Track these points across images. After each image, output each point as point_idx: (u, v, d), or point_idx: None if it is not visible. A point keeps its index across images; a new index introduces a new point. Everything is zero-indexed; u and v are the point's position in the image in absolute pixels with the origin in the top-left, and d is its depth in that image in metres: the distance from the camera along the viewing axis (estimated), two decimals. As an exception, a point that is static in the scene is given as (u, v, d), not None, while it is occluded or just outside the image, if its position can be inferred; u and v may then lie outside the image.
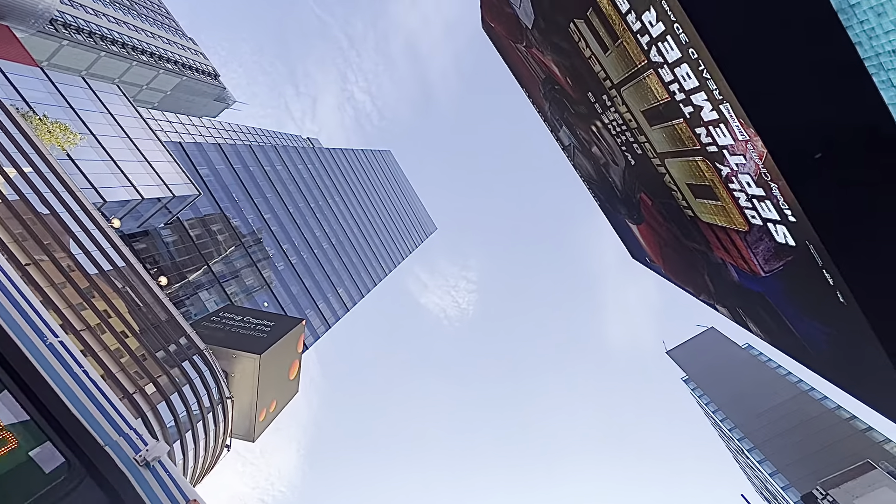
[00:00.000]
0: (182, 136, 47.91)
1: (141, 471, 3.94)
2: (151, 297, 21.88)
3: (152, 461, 4.06)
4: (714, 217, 10.96)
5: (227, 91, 79.25)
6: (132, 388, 18.32)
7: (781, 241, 8.55)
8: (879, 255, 7.35)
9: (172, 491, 3.98)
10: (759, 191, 8.18)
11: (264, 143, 60.22)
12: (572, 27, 11.40)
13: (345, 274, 53.38)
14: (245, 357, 25.36)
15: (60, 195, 19.86)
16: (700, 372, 72.74)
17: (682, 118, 9.25)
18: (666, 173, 12.04)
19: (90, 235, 20.21)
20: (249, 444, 27.53)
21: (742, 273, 11.54)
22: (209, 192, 39.35)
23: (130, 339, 19.49)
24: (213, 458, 24.33)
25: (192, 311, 32.53)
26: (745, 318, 13.50)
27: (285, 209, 48.77)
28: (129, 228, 29.64)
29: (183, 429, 20.23)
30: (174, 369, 20.77)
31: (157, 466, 4.04)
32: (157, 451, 4.12)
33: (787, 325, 10.90)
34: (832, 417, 53.59)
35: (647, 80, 9.67)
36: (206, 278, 35.28)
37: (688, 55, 7.64)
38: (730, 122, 7.68)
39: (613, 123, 13.43)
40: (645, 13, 8.09)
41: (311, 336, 41.93)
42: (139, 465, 3.97)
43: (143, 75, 62.51)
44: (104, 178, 25.89)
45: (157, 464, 4.05)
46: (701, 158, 9.64)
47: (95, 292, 19.11)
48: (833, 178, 7.17)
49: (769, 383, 62.97)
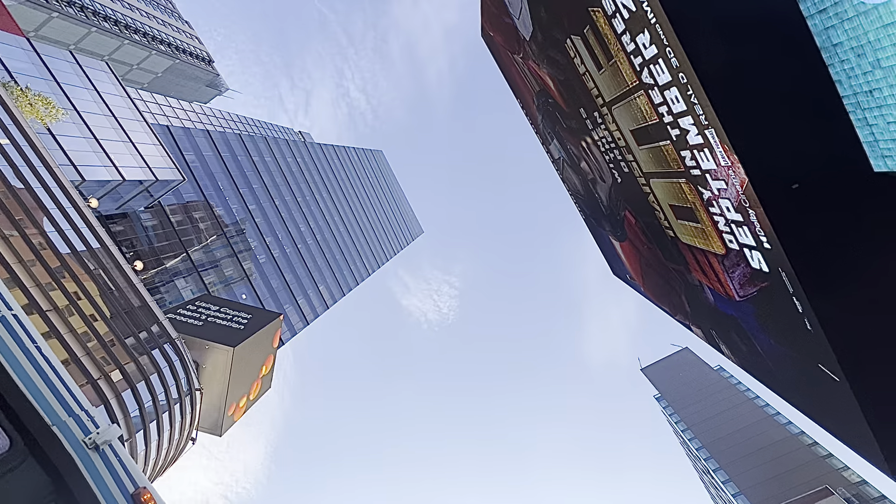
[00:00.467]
0: (170, 119, 46.96)
1: (89, 453, 3.76)
2: (125, 281, 21.29)
3: (102, 444, 3.89)
4: (694, 239, 11.19)
5: (220, 78, 78.12)
6: (97, 374, 17.75)
7: (756, 267, 8.77)
8: (847, 287, 7.59)
9: (121, 476, 3.81)
10: (738, 216, 8.39)
11: (254, 134, 59.45)
12: (569, 43, 11.58)
13: (327, 271, 52.84)
14: (218, 349, 24.83)
15: (37, 170, 19.24)
16: (672, 390, 73.96)
17: (669, 140, 9.45)
18: (650, 193, 12.26)
19: (65, 213, 19.60)
20: (216, 438, 26.91)
21: (718, 296, 11.79)
22: (194, 179, 38.59)
23: (99, 323, 18.91)
24: (177, 451, 23.69)
25: (166, 299, 31.76)
26: (717, 340, 13.78)
27: (271, 201, 48.13)
28: (106, 209, 28.85)
29: (148, 419, 19.66)
30: (143, 357, 20.20)
31: (108, 450, 3.87)
32: (108, 434, 3.95)
33: (757, 350, 11.17)
34: (795, 442, 55.00)
35: (638, 100, 9.87)
36: (184, 266, 34.52)
37: (678, 79, 7.82)
38: (714, 147, 7.88)
39: (603, 140, 13.65)
40: (639, 35, 8.26)
41: (289, 332, 41.31)
42: (88, 447, 3.79)
43: (135, 55, 61.20)
44: (85, 155, 25.18)
45: (107, 448, 3.88)
46: (684, 181, 9.86)
47: (66, 272, 18.51)
48: (808, 209, 7.40)
49: (737, 406, 64.40)
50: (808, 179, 7.25)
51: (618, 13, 8.58)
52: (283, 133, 72.32)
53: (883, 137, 6.75)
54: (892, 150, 6.69)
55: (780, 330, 9.34)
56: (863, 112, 6.86)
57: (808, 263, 7.47)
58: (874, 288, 7.67)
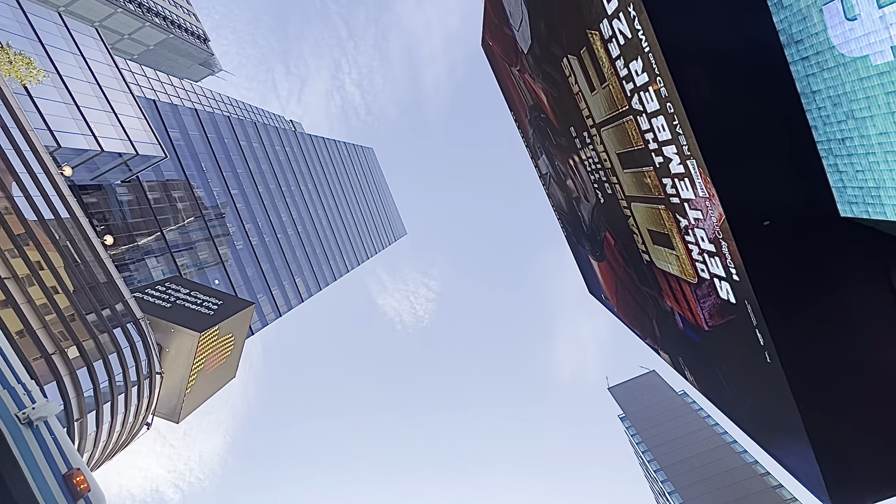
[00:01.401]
0: (158, 94, 45.76)
1: (21, 428, 3.54)
2: (92, 255, 20.56)
3: (37, 421, 3.69)
4: (668, 265, 11.45)
5: (214, 58, 76.65)
6: (52, 349, 17.04)
7: (725, 298, 9.02)
8: (808, 324, 7.87)
9: (54, 455, 3.62)
10: (711, 247, 8.63)
11: (244, 118, 58.46)
12: (565, 62, 11.77)
13: (305, 264, 52.09)
14: (184, 333, 24.16)
15: (10, 130, 18.46)
16: (636, 411, 75.27)
17: (652, 166, 9.68)
18: (631, 216, 12.51)
19: (35, 179, 18.84)
20: (173, 424, 26.11)
21: (687, 323, 12.07)
22: (176, 157, 37.64)
23: (60, 296, 18.18)
24: (130, 435, 22.87)
25: (135, 277, 30.78)
26: (683, 366, 14.09)
27: (254, 188, 47.29)
28: (80, 179, 27.87)
29: (102, 399, 18.94)
30: (103, 335, 19.49)
31: (42, 427, 3.67)
32: (44, 410, 3.77)
33: (719, 378, 11.46)
34: (749, 471, 56.57)
35: (626, 125, 10.08)
36: (158, 245, 33.55)
37: (665, 108, 8.03)
38: (694, 177, 8.10)
39: (590, 160, 13.88)
40: (633, 62, 8.45)
41: (260, 322, 40.49)
42: (20, 422, 3.58)
43: (127, 24, 59.57)
44: (63, 122, 24.30)
45: (41, 424, 3.68)
46: (664, 207, 10.09)
47: (30, 240, 17.76)
48: (777, 246, 7.67)
49: (697, 431, 65.95)
50: (779, 218, 7.52)
51: (614, 38, 8.77)
52: (273, 120, 71.30)
53: (851, 184, 7.05)
54: (858, 197, 6.99)
55: (741, 361, 9.61)
56: (834, 158, 7.16)
57: (772, 298, 7.72)
58: (834, 327, 7.98)
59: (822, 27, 6.49)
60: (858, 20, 5.95)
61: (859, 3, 5.85)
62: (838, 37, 6.29)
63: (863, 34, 5.96)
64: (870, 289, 7.86)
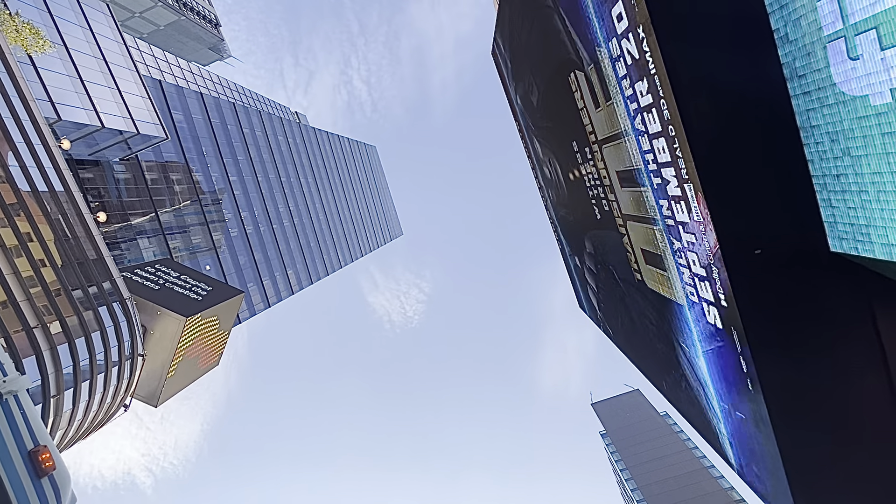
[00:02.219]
0: (164, 74, 45.52)
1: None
2: (84, 230, 20.35)
3: (6, 394, 3.61)
4: (658, 286, 11.52)
5: (224, 43, 76.47)
6: (34, 322, 16.81)
7: (711, 322, 9.09)
8: (791, 354, 7.94)
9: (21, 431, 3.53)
10: (702, 271, 8.70)
11: (249, 106, 58.27)
12: (572, 77, 11.86)
13: (298, 256, 51.86)
14: (170, 316, 23.94)
15: (10, 99, 18.29)
16: (618, 429, 75.39)
17: (650, 187, 9.75)
18: (626, 234, 12.59)
19: (32, 149, 18.65)
20: (151, 408, 25.80)
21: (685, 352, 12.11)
22: (177, 139, 37.42)
23: (48, 269, 17.97)
24: (106, 415, 22.57)
25: (126, 257, 30.48)
26: (666, 387, 14.15)
27: (254, 176, 47.09)
28: (78, 153, 27.62)
29: (81, 377, 18.70)
30: (88, 312, 19.27)
31: (11, 402, 3.59)
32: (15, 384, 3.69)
33: (701, 402, 11.51)
34: (724, 497, 56.79)
35: (627, 143, 10.17)
36: (151, 226, 33.27)
37: (667, 131, 8.11)
38: (690, 201, 8.17)
39: (590, 176, 13.96)
40: (638, 83, 8.54)
41: (248, 311, 40.20)
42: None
43: (139, 2, 59.36)
44: (65, 94, 24.10)
45: (11, 398, 3.60)
46: (658, 228, 10.16)
47: (21, 211, 17.56)
48: (766, 275, 7.74)
49: (676, 453, 66.16)
50: (770, 247, 7.60)
51: (622, 58, 8.86)
52: (278, 110, 71.15)
53: (842, 220, 7.15)
54: (848, 233, 7.09)
55: (723, 386, 9.66)
56: (828, 193, 7.26)
57: (758, 326, 7.79)
58: (816, 358, 8.06)
59: (825, 64, 6.59)
60: (861, 60, 6.06)
61: (862, 43, 5.95)
62: (840, 74, 6.40)
63: (864, 74, 6.07)
64: (854, 325, 7.95)
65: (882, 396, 7.92)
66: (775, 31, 7.22)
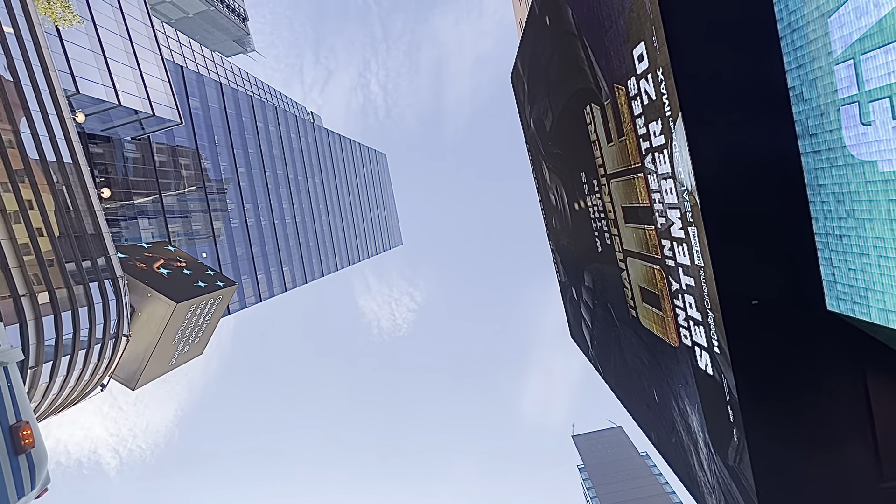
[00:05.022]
0: (186, 60, 46.08)
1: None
2: (86, 204, 20.31)
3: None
4: (652, 325, 11.48)
5: (249, 37, 77.66)
6: (23, 290, 16.65)
7: (701, 367, 9.04)
8: (778, 410, 7.88)
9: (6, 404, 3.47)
10: (698, 315, 8.69)
11: (266, 101, 58.85)
12: (587, 109, 12.02)
13: (296, 254, 51.75)
14: (160, 300, 23.74)
15: (32, 66, 18.45)
16: (596, 465, 74.28)
17: (654, 226, 9.80)
18: (625, 269, 12.60)
19: (46, 118, 18.74)
20: (127, 389, 25.38)
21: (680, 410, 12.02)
22: (191, 125, 37.67)
23: (44, 239, 17.87)
24: (82, 393, 22.19)
25: (123, 235, 30.37)
26: (655, 438, 13.98)
27: (262, 170, 47.29)
28: (91, 128, 27.74)
29: (62, 351, 18.44)
30: (78, 286, 19.11)
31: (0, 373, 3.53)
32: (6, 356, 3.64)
33: (684, 444, 11.37)
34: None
35: (636, 181, 10.25)
36: (153, 207, 33.24)
37: (676, 174, 8.18)
38: (692, 244, 8.20)
39: (595, 208, 14.05)
40: (652, 123, 8.66)
41: (238, 303, 39.90)
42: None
43: (172, -11, 60.40)
44: (86, 69, 24.33)
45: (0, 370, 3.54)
46: (658, 268, 10.18)
47: (26, 178, 17.55)
48: (761, 327, 7.73)
49: (652, 497, 65.04)
50: (768, 300, 7.61)
51: (639, 96, 9.00)
52: (294, 108, 71.86)
53: (842, 281, 7.17)
54: (847, 294, 7.11)
55: (709, 432, 9.55)
56: (830, 252, 7.30)
57: (748, 376, 7.74)
58: (803, 416, 7.99)
59: (837, 125, 6.70)
60: (873, 126, 6.16)
61: (876, 110, 6.06)
62: (851, 138, 6.50)
63: (875, 140, 6.16)
64: (844, 384, 7.91)
65: (868, 465, 7.85)
66: (791, 88, 7.36)
